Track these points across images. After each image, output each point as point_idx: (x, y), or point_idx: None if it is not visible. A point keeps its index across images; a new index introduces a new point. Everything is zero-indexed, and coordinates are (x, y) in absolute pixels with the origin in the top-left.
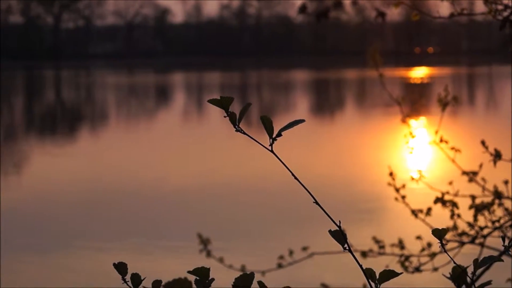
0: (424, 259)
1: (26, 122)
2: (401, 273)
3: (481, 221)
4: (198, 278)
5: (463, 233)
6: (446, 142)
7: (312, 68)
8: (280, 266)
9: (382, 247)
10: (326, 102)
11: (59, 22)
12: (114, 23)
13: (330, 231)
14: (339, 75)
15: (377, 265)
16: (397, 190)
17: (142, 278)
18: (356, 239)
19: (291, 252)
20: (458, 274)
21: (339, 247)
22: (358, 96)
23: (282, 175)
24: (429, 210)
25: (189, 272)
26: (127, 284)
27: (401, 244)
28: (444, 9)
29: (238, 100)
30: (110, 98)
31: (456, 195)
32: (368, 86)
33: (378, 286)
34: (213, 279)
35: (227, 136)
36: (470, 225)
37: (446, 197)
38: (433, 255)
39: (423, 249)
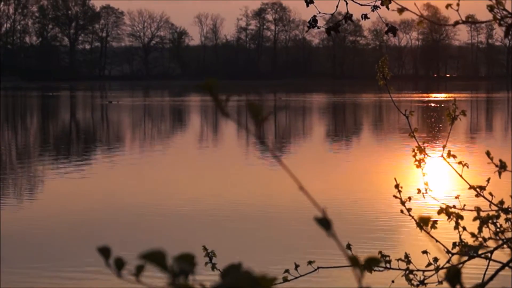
0: (429, 273)
1: (40, 143)
2: (388, 260)
3: (486, 233)
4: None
5: (467, 245)
6: (454, 156)
7: (328, 91)
8: (285, 280)
9: (388, 261)
10: (342, 126)
11: (75, 43)
12: (131, 45)
13: (315, 219)
14: (356, 99)
15: (383, 278)
16: (403, 203)
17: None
18: (364, 253)
19: (296, 266)
20: (453, 274)
21: (345, 261)
22: (374, 120)
23: (291, 196)
24: (434, 222)
25: (141, 256)
26: (111, 268)
27: (407, 259)
28: (464, 33)
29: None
30: (125, 120)
31: (462, 209)
32: (385, 110)
33: (363, 272)
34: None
35: (240, 158)
36: (474, 235)
37: (451, 210)
38: (438, 269)
39: (429, 264)
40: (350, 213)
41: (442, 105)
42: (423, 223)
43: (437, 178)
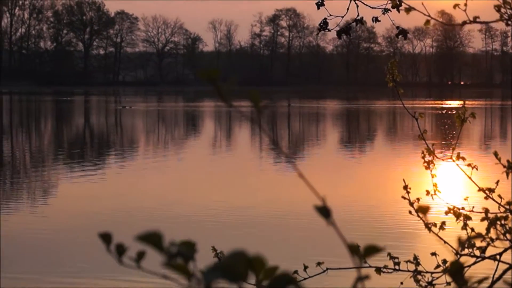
0: (438, 274)
1: (53, 147)
2: (383, 248)
3: (494, 234)
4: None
5: (474, 245)
6: (464, 159)
7: (342, 98)
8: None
9: (397, 263)
10: (355, 132)
11: (90, 48)
12: (145, 51)
13: (315, 207)
14: (370, 106)
15: (392, 279)
16: (411, 203)
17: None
18: (376, 256)
19: (305, 267)
20: (456, 269)
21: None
22: (388, 126)
23: (302, 202)
24: (443, 224)
25: (138, 237)
26: (112, 254)
27: (416, 260)
28: (478, 40)
29: (268, 129)
30: (138, 125)
31: (471, 211)
32: (399, 117)
33: (363, 260)
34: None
35: (253, 164)
36: (481, 235)
37: (459, 211)
38: (446, 271)
39: (438, 265)
40: (361, 219)
41: (455, 112)
42: (422, 211)
43: (447, 181)
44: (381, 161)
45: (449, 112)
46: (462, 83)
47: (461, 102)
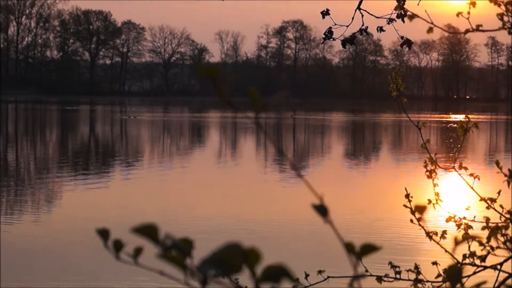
0: (438, 284)
1: (58, 156)
2: (380, 247)
3: (494, 242)
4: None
5: (475, 254)
6: (466, 168)
7: (348, 111)
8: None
9: (398, 272)
10: (360, 145)
11: (96, 58)
12: (151, 61)
13: (313, 205)
14: (375, 118)
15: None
16: (413, 212)
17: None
18: (377, 265)
19: (306, 275)
20: (454, 272)
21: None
22: (393, 139)
23: (307, 214)
24: (444, 233)
25: (133, 229)
26: (109, 249)
27: (417, 269)
28: (484, 54)
29: (271, 140)
30: (143, 135)
31: (472, 220)
32: (404, 130)
33: (360, 259)
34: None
35: (257, 175)
36: (482, 244)
37: (461, 220)
38: (445, 280)
39: (438, 275)
40: (363, 230)
41: (458, 123)
42: (419, 211)
43: (450, 191)
44: (385, 173)
45: (454, 125)
46: (467, 97)
47: (465, 115)
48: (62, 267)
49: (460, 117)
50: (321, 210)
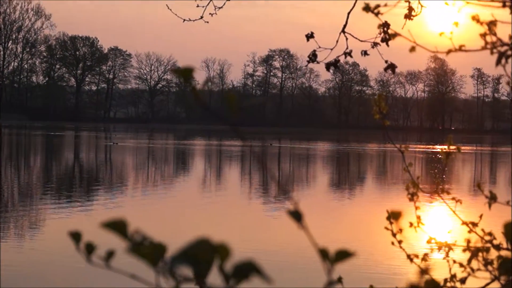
0: None
1: (42, 182)
2: (354, 253)
3: (475, 265)
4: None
5: (455, 276)
6: (448, 193)
7: (333, 140)
8: None
9: None
10: (345, 175)
11: (82, 84)
12: (137, 87)
13: (287, 211)
14: (360, 148)
15: None
16: (394, 234)
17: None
18: None
19: None
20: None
21: None
22: (378, 169)
23: (297, 243)
24: (425, 255)
25: (102, 224)
26: (80, 252)
27: None
28: (470, 86)
29: (257, 169)
30: (128, 162)
31: (454, 244)
32: (389, 160)
33: (333, 265)
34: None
35: (243, 204)
36: (462, 266)
37: (441, 242)
38: None
39: None
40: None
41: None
42: (394, 217)
43: (432, 217)
44: (368, 202)
45: (439, 156)
46: (453, 128)
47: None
48: None
49: (445, 148)
50: (296, 215)
